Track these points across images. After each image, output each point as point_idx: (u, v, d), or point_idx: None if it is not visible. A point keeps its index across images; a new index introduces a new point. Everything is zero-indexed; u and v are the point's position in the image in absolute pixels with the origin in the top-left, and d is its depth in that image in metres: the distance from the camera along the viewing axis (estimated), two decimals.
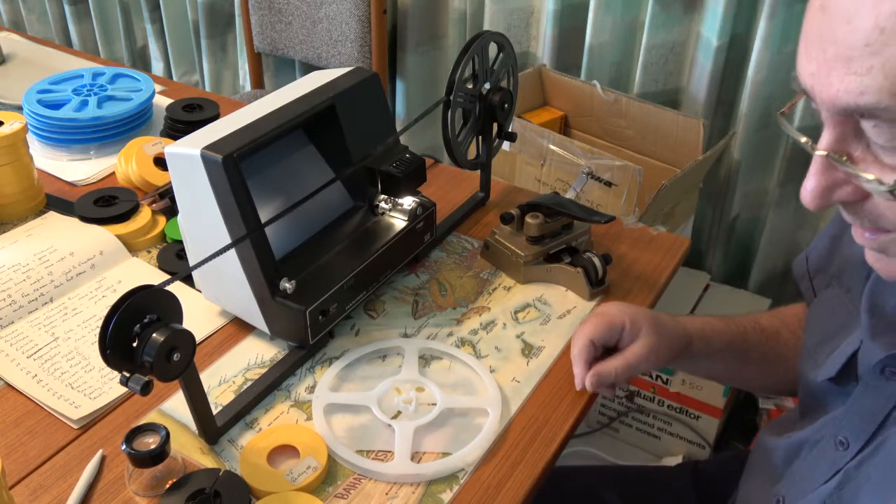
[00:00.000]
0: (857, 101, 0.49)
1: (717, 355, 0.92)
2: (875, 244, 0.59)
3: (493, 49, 1.09)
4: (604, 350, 0.89)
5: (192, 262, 0.96)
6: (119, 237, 1.09)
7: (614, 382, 0.87)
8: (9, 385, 0.90)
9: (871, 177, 0.52)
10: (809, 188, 0.56)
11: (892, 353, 0.67)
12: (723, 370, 0.96)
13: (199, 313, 0.99)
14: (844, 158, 0.53)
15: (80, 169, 1.28)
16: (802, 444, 0.80)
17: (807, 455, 0.78)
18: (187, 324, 0.76)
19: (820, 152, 0.54)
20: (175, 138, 1.16)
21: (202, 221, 0.91)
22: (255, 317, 0.94)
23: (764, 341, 0.93)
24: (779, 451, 0.83)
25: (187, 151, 0.87)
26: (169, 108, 1.35)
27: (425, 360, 0.95)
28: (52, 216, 1.16)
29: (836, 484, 0.71)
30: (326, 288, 0.92)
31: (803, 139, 0.56)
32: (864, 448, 0.70)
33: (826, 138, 0.54)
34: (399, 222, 1.02)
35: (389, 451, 0.84)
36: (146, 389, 0.72)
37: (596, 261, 1.03)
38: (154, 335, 0.72)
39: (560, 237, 1.06)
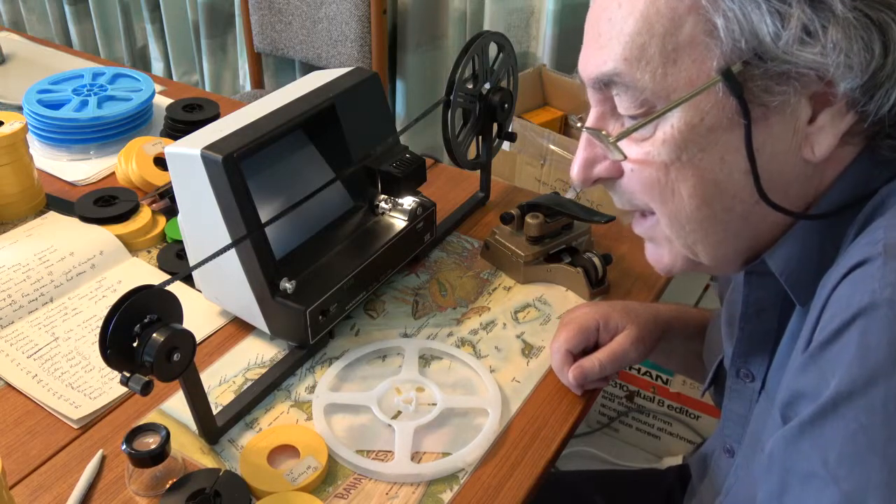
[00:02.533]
0: (601, 69, 0.56)
1: (696, 336, 0.92)
2: (642, 230, 0.63)
3: (493, 49, 1.09)
4: (584, 354, 0.89)
5: (192, 262, 0.96)
6: (119, 237, 1.09)
7: (600, 374, 0.87)
8: (9, 385, 0.90)
9: (604, 132, 0.59)
10: (575, 162, 0.62)
11: (737, 354, 0.69)
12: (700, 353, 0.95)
13: (199, 313, 0.99)
14: (604, 133, 0.59)
15: (80, 169, 1.28)
16: (705, 457, 0.80)
17: (710, 468, 0.79)
18: (187, 324, 0.76)
19: (584, 129, 0.60)
20: (175, 138, 1.16)
21: (202, 221, 0.91)
22: (256, 317, 0.94)
23: None
24: (693, 467, 0.84)
25: (187, 151, 0.87)
26: (169, 108, 1.35)
27: (425, 360, 0.95)
28: (52, 216, 1.16)
29: (724, 492, 0.72)
30: (326, 288, 0.92)
31: (578, 124, 0.62)
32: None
33: (590, 117, 0.60)
34: (399, 222, 1.02)
35: (389, 451, 0.84)
36: (146, 389, 0.72)
37: (596, 261, 1.03)
38: (154, 335, 0.72)
39: (560, 237, 1.06)
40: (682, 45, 0.53)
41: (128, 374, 0.72)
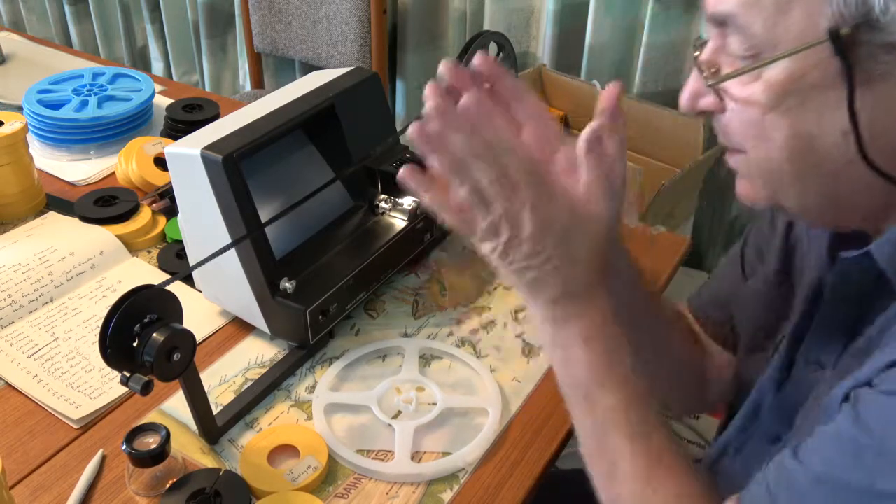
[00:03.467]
0: (718, 7, 0.57)
1: (636, 299, 0.78)
2: (733, 163, 0.63)
3: (493, 49, 1.09)
4: None
5: (192, 262, 0.96)
6: (119, 237, 1.09)
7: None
8: (9, 385, 0.90)
9: (712, 70, 0.59)
10: (684, 91, 0.62)
11: (811, 342, 0.67)
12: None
13: (199, 313, 0.99)
14: (714, 70, 0.59)
15: (80, 169, 1.28)
16: (726, 446, 0.79)
17: (736, 455, 0.78)
18: (187, 324, 0.76)
19: (699, 61, 0.61)
20: (175, 138, 1.16)
21: (202, 221, 0.91)
22: (256, 317, 0.94)
23: (664, 324, 0.84)
24: (710, 455, 0.83)
25: (187, 151, 0.87)
26: (169, 108, 1.35)
27: (425, 359, 0.95)
28: (53, 216, 1.16)
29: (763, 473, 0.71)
30: (326, 288, 0.92)
31: (696, 53, 0.62)
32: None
33: (706, 49, 0.61)
34: (399, 222, 1.02)
35: (389, 451, 0.84)
36: (146, 389, 0.72)
37: None
38: (154, 335, 0.72)
39: None
40: None
41: (128, 374, 0.72)
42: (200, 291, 1.00)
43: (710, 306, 0.88)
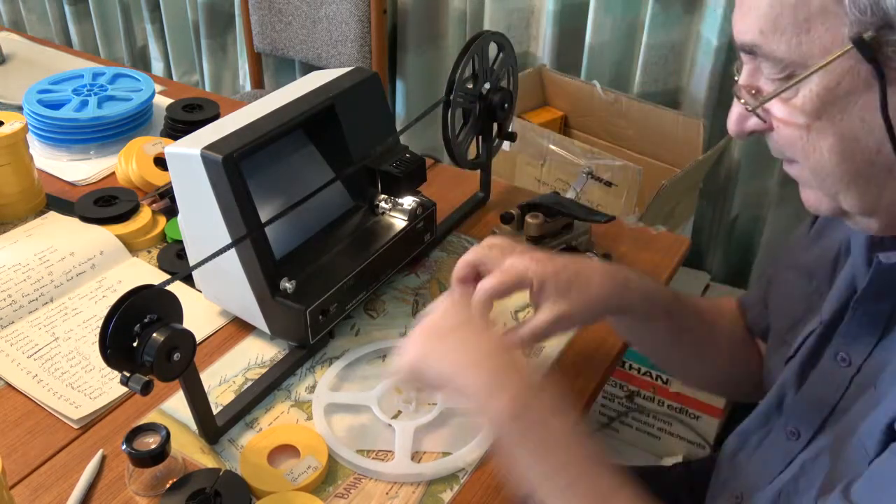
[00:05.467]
0: (742, 38, 0.60)
1: (656, 323, 0.85)
2: (791, 173, 0.65)
3: (493, 49, 1.09)
4: None
5: (192, 262, 0.96)
6: (119, 237, 1.09)
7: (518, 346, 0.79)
8: (9, 385, 0.90)
9: (752, 91, 0.62)
10: (730, 116, 0.65)
11: (843, 336, 0.68)
12: (655, 340, 0.90)
13: (199, 313, 0.99)
14: (753, 92, 0.62)
15: (80, 169, 1.28)
16: (748, 435, 0.79)
17: (755, 447, 0.78)
18: (187, 324, 0.76)
19: (734, 88, 0.63)
20: (175, 138, 1.16)
21: (202, 221, 0.91)
22: (256, 317, 0.94)
23: (699, 325, 0.89)
24: (728, 446, 0.83)
25: (187, 151, 0.87)
26: (169, 108, 1.35)
27: None
28: (53, 216, 1.16)
29: (791, 475, 0.71)
30: (326, 288, 0.92)
31: (736, 76, 0.64)
32: (814, 438, 0.70)
33: (742, 73, 0.63)
34: (399, 222, 1.02)
35: (390, 451, 0.84)
36: (146, 389, 0.72)
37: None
38: (154, 335, 0.72)
39: (560, 237, 1.06)
40: (814, 14, 0.55)
41: (128, 374, 0.72)
42: (200, 291, 1.00)
43: (756, 301, 0.90)
